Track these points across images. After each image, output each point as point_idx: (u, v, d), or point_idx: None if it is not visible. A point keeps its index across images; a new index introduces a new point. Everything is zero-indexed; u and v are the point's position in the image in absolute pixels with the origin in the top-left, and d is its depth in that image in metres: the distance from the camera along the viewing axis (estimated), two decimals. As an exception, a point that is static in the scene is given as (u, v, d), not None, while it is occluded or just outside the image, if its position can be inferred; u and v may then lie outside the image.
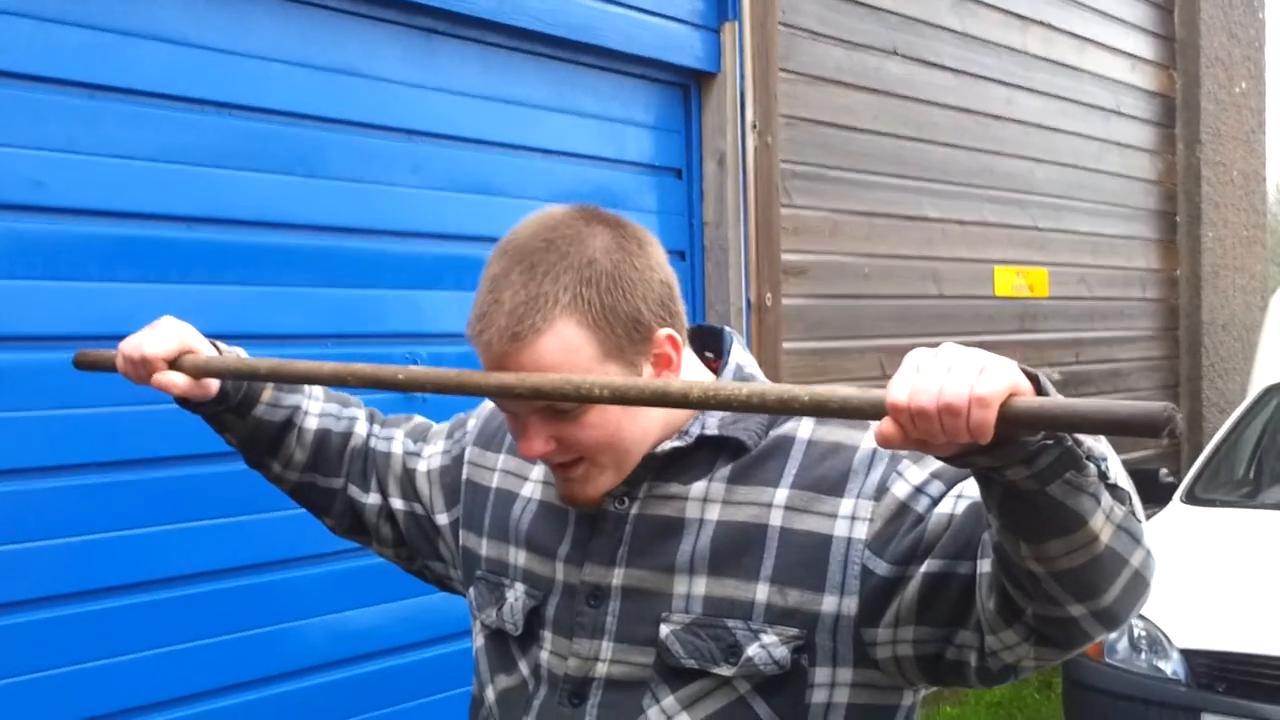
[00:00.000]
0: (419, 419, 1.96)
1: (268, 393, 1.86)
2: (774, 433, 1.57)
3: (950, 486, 1.48)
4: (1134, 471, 6.68)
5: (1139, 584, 1.33)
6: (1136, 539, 1.30)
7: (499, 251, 1.53)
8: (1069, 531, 1.25)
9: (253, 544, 3.64)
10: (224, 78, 3.61)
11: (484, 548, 1.75)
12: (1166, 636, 4.89)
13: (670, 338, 1.54)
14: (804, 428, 1.57)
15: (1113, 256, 8.05)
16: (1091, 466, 1.22)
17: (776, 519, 1.52)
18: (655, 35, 4.86)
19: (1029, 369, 1.20)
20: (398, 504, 1.88)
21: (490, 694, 1.70)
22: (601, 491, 1.57)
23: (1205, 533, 5.66)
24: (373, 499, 1.89)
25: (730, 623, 1.50)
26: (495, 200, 4.35)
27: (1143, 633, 4.98)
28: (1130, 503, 1.29)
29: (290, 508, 3.70)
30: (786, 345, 5.42)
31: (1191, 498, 6.02)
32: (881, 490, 1.49)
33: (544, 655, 1.62)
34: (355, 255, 3.96)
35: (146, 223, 3.45)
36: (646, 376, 1.52)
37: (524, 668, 1.65)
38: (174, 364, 1.75)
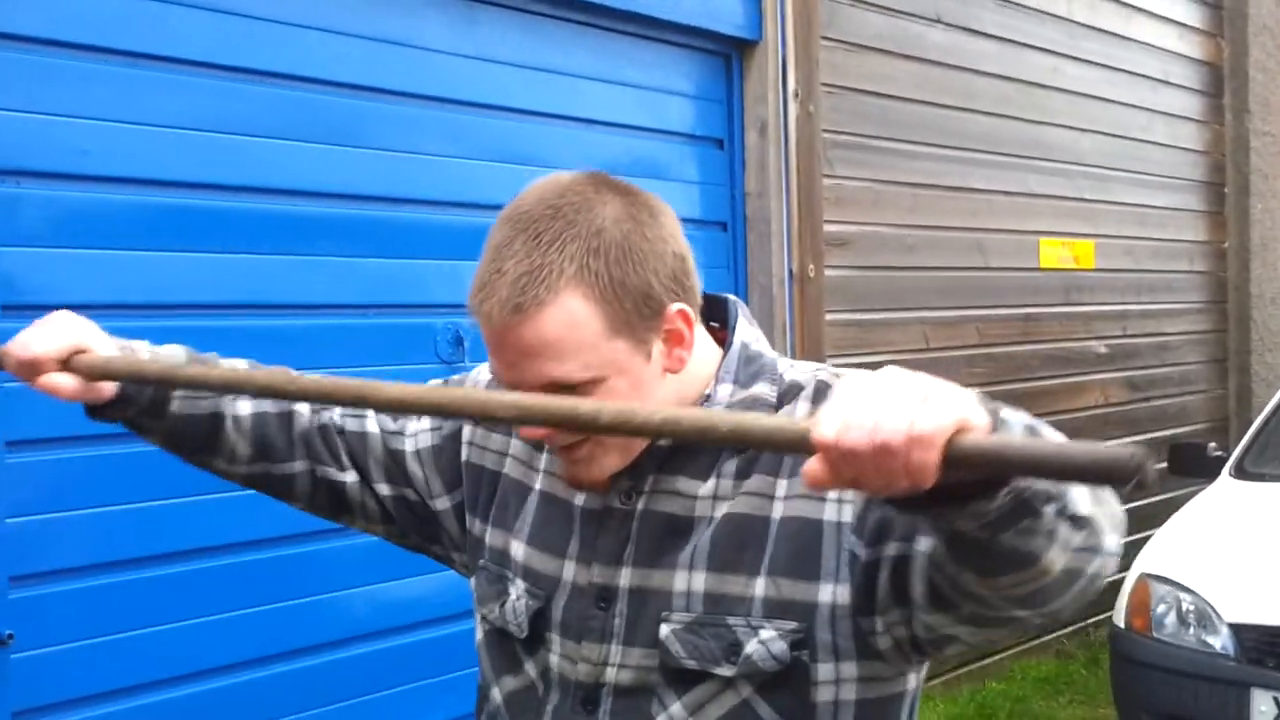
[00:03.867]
0: None
1: (175, 396, 1.69)
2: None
3: None
4: (1183, 445, 6.63)
5: (1095, 582, 1.26)
6: (1095, 550, 1.22)
7: (503, 218, 1.45)
8: (1021, 569, 1.19)
9: (294, 514, 3.63)
10: (265, 47, 3.61)
11: (488, 536, 1.66)
12: (1215, 611, 4.84)
13: (683, 313, 1.47)
14: (800, 410, 1.48)
15: (1160, 228, 7.95)
16: (1049, 509, 1.13)
17: (778, 510, 1.45)
18: (696, 3, 4.82)
19: (988, 402, 1.10)
20: (384, 489, 1.75)
21: (497, 694, 1.64)
22: (608, 473, 1.50)
23: (1254, 507, 5.60)
24: (350, 476, 1.75)
25: (730, 620, 1.44)
26: (536, 170, 4.25)
27: (1191, 607, 4.93)
28: (1091, 524, 1.19)
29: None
30: (829, 317, 5.37)
31: (1240, 472, 5.95)
32: None
33: (553, 659, 1.56)
34: (396, 225, 3.95)
35: (188, 192, 3.45)
36: (657, 353, 1.46)
37: (531, 670, 1.59)
38: (65, 364, 1.59)
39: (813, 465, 1.07)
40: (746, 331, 1.57)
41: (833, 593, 1.42)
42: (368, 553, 3.80)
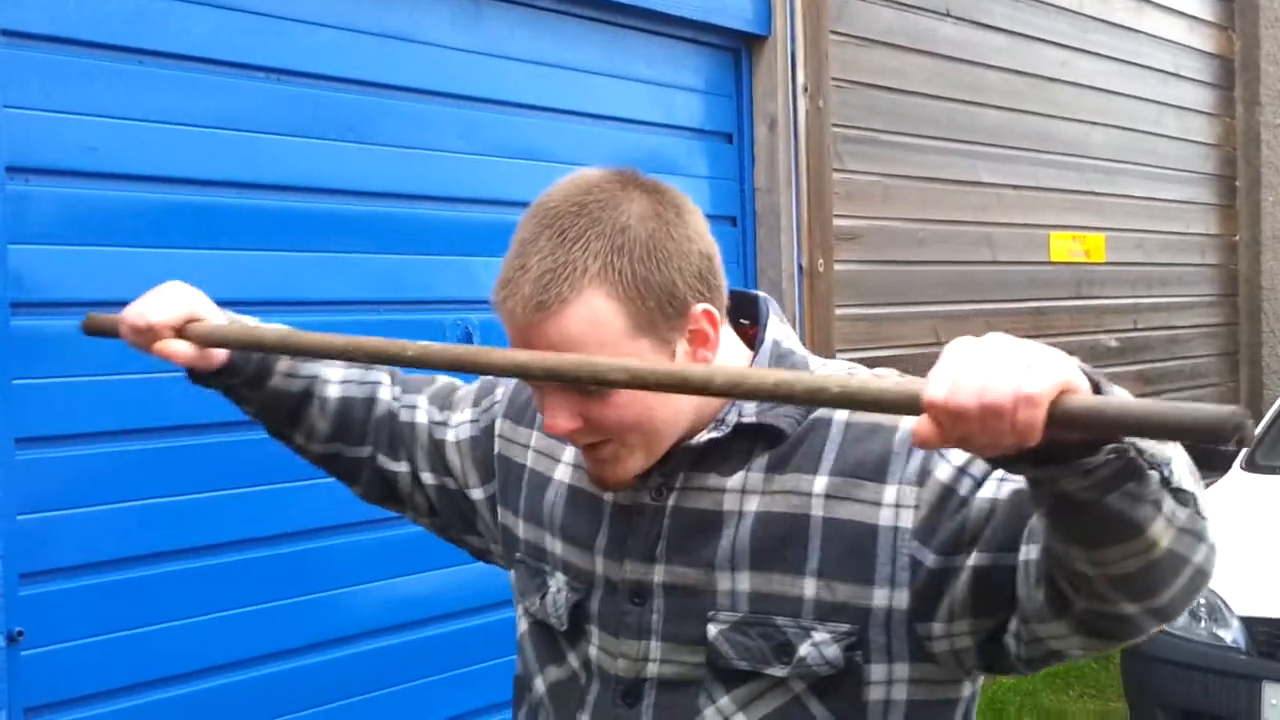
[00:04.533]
0: (442, 380, 1.86)
1: (283, 362, 1.76)
2: (810, 415, 1.49)
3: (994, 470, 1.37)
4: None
5: (1199, 579, 1.25)
6: (1200, 537, 1.22)
7: (529, 214, 1.46)
8: (1126, 540, 1.17)
9: (304, 510, 3.65)
10: (273, 43, 3.61)
11: (521, 529, 1.68)
12: (1226, 604, 4.83)
13: (708, 313, 1.45)
14: (840, 411, 1.47)
15: (1171, 221, 7.93)
16: (1154, 474, 1.14)
17: (819, 509, 1.44)
18: (705, -2, 4.81)
19: (1088, 369, 1.12)
20: (428, 477, 1.79)
21: (540, 684, 1.65)
22: (632, 474, 1.49)
23: (1266, 500, 5.59)
24: (403, 467, 1.80)
25: (779, 620, 1.44)
26: (545, 166, 4.31)
27: (1202, 600, 4.91)
28: (1194, 503, 1.19)
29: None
30: (839, 311, 5.37)
31: (1252, 465, 5.94)
32: (924, 474, 1.41)
33: (593, 651, 1.57)
34: (405, 221, 3.95)
35: (197, 188, 3.45)
36: (681, 354, 1.45)
37: (574, 660, 1.60)
38: (180, 332, 1.65)
39: (922, 425, 1.10)
40: (778, 329, 1.56)
41: (889, 597, 1.41)
42: (379, 548, 3.81)
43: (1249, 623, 4.76)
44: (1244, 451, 6.04)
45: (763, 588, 1.45)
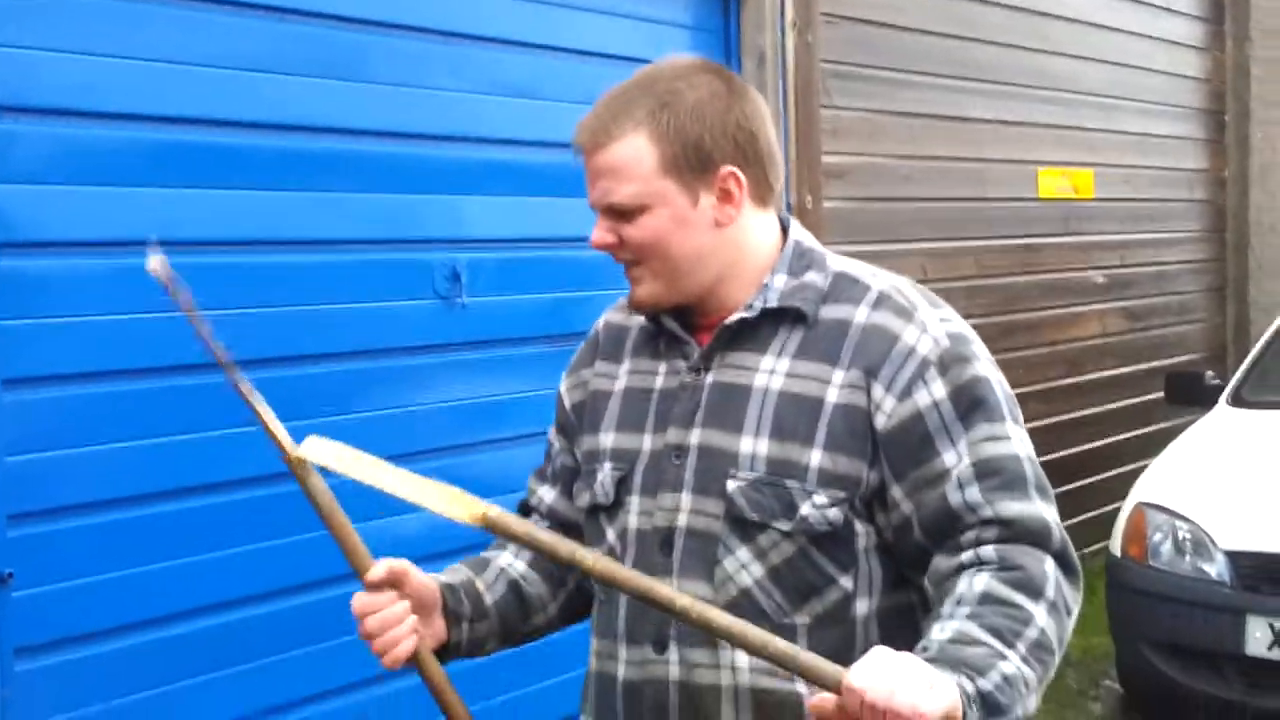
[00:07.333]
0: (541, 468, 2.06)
1: (479, 582, 1.90)
2: (834, 314, 1.76)
3: (965, 422, 1.71)
4: (1181, 374, 6.63)
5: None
6: (1049, 667, 1.64)
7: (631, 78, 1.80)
8: None
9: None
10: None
11: (584, 443, 1.92)
12: (1211, 538, 4.87)
13: (733, 175, 1.75)
14: (860, 313, 1.76)
15: (1160, 157, 7.92)
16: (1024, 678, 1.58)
17: (833, 396, 1.72)
18: (693, -69, 4.76)
19: (975, 686, 1.51)
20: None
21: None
22: (651, 299, 1.79)
23: (1251, 435, 5.62)
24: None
25: (788, 482, 1.72)
26: (533, 103, 4.29)
27: (1187, 535, 4.96)
28: (1043, 667, 1.62)
29: (350, 411, 3.69)
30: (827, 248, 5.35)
31: (1238, 400, 5.97)
32: (906, 393, 1.71)
33: (631, 519, 1.82)
34: (394, 160, 3.92)
35: (191, 127, 3.43)
36: (707, 206, 1.75)
37: (611, 535, 1.85)
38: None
39: (828, 702, 1.48)
40: (799, 232, 1.87)
41: (872, 473, 1.72)
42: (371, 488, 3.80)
43: (1233, 556, 4.80)
44: (1230, 387, 6.08)
45: (778, 454, 1.73)
